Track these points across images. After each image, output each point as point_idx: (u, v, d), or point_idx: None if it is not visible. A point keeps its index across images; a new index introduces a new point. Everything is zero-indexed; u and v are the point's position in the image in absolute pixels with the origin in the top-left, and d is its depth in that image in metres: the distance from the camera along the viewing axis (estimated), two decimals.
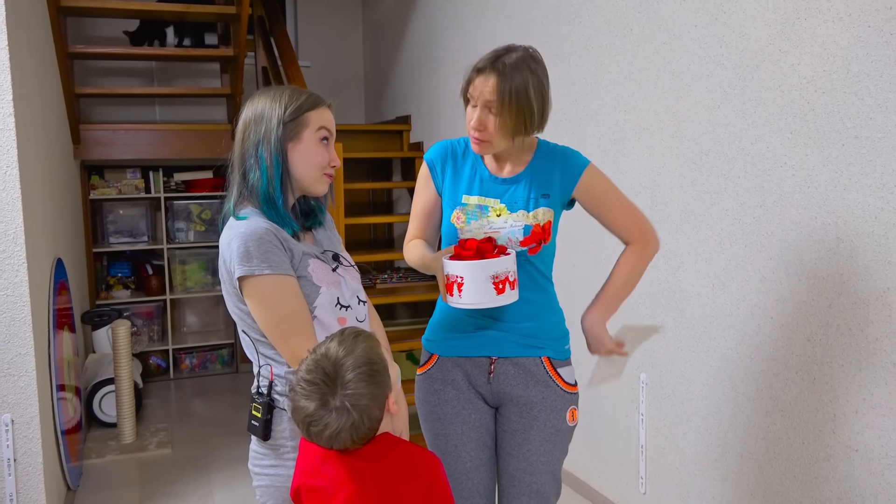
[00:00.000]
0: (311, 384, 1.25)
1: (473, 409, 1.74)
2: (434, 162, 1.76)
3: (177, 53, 4.13)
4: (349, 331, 1.32)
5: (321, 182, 1.53)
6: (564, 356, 1.73)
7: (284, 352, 1.43)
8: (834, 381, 1.90)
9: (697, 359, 2.38)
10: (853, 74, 1.80)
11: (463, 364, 1.73)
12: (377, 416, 1.27)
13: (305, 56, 5.59)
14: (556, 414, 1.70)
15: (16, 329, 2.44)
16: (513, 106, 1.54)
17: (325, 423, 1.23)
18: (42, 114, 3.13)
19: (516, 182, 1.68)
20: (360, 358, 1.27)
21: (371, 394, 1.25)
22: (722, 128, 2.22)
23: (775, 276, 2.06)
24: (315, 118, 1.50)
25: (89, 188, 4.69)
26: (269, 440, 1.48)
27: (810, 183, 1.94)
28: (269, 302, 1.41)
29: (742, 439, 2.22)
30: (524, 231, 1.64)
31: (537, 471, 1.70)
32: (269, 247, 1.42)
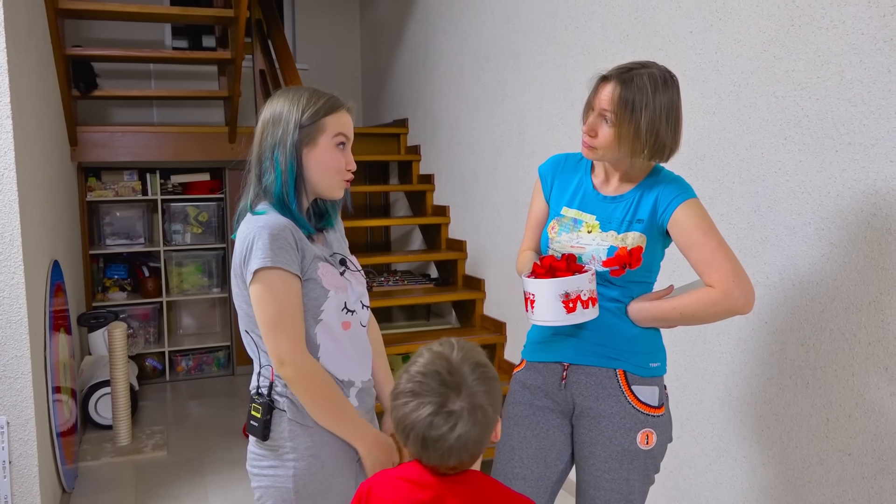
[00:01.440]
0: (428, 384, 1.12)
1: (543, 418, 1.72)
2: (545, 173, 1.80)
3: (174, 56, 4.14)
4: (452, 339, 1.21)
5: (338, 187, 1.54)
6: (645, 374, 1.65)
7: (272, 348, 1.43)
8: (827, 386, 1.92)
9: (692, 363, 2.39)
10: (846, 81, 1.82)
11: (542, 370, 1.74)
12: (490, 437, 1.15)
13: (303, 59, 5.60)
14: (623, 432, 1.63)
15: (12, 331, 2.44)
16: (628, 120, 1.53)
17: (450, 426, 1.09)
18: (39, 116, 3.13)
19: (617, 202, 1.66)
20: (479, 358, 1.17)
21: (495, 397, 1.15)
22: (717, 133, 2.23)
23: (769, 281, 2.07)
24: (332, 123, 1.50)
25: (86, 190, 4.69)
26: (269, 441, 1.48)
27: (804, 189, 1.95)
28: (273, 296, 1.42)
29: (736, 443, 2.23)
30: (608, 252, 1.62)
31: (601, 487, 1.66)
32: (285, 243, 1.44)
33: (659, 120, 1.54)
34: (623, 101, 1.54)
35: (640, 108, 1.53)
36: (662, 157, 1.59)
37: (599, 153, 1.61)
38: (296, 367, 1.42)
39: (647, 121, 1.53)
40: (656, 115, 1.53)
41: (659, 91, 1.54)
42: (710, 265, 1.55)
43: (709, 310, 1.56)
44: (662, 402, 1.67)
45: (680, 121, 1.58)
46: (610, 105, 1.55)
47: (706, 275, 1.57)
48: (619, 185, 1.68)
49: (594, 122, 1.59)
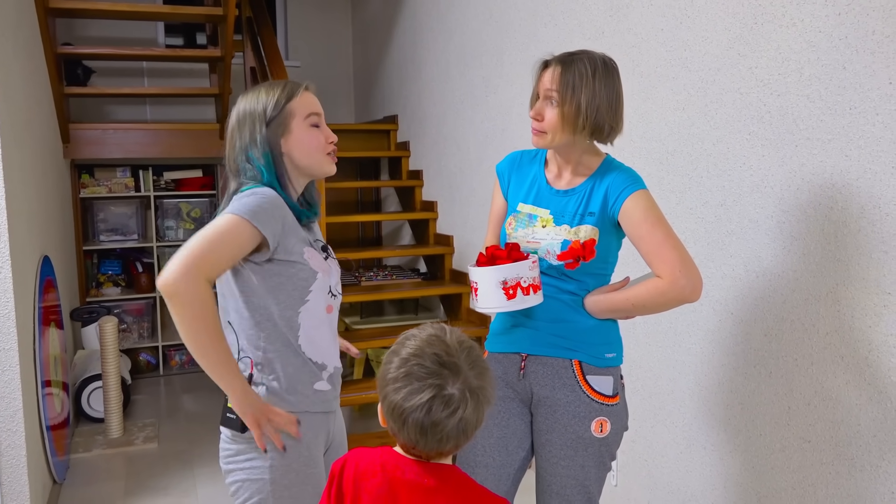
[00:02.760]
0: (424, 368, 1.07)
1: (504, 407, 1.76)
2: (502, 171, 1.85)
3: (164, 54, 4.19)
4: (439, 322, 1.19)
5: (326, 163, 1.57)
6: (600, 364, 1.69)
7: (175, 256, 1.37)
8: (789, 375, 1.97)
9: (663, 354, 2.44)
10: (805, 78, 1.86)
11: (502, 360, 1.78)
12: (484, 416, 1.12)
13: (295, 56, 5.65)
14: (578, 420, 1.68)
15: (0, 325, 2.50)
16: (572, 97, 1.58)
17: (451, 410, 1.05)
18: (29, 114, 3.18)
19: (569, 196, 1.70)
20: (471, 343, 1.14)
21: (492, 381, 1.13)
22: (686, 129, 2.28)
23: (735, 273, 2.12)
24: (299, 106, 1.54)
25: (80, 187, 4.74)
26: (246, 433, 1.50)
27: (766, 183, 2.00)
28: (222, 233, 1.40)
29: (705, 432, 2.28)
30: (562, 245, 1.66)
31: (557, 473, 1.71)
32: (273, 211, 1.45)
33: (598, 98, 1.60)
34: (564, 81, 1.60)
35: (580, 87, 1.59)
36: (602, 136, 1.65)
37: (548, 137, 1.66)
38: (185, 283, 1.34)
39: (587, 98, 1.59)
40: (595, 94, 1.60)
41: (598, 72, 1.60)
42: (658, 256, 1.60)
43: (657, 299, 1.61)
44: (617, 392, 1.72)
45: (620, 103, 1.65)
46: (552, 84, 1.62)
47: (654, 265, 1.62)
48: (571, 179, 1.73)
49: (540, 106, 1.65)
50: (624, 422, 1.75)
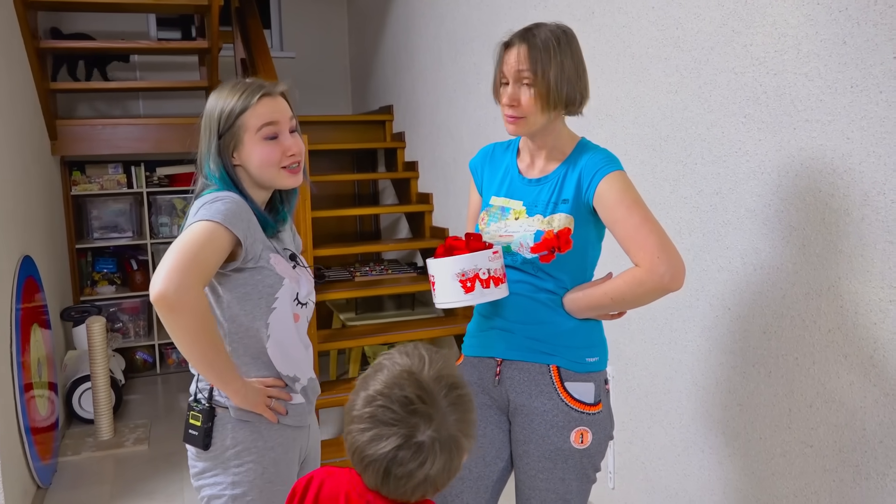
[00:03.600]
0: (392, 410, 0.94)
1: (481, 415, 1.65)
2: (475, 166, 1.75)
3: (150, 46, 4.09)
4: (419, 345, 1.03)
5: (281, 178, 1.46)
6: (580, 369, 1.57)
7: (161, 266, 1.28)
8: (789, 375, 1.83)
9: (659, 351, 2.32)
10: (803, 54, 1.72)
11: (477, 365, 1.67)
12: (460, 464, 0.99)
13: (290, 47, 5.53)
14: (556, 431, 1.56)
15: None
16: (546, 72, 1.48)
17: (419, 463, 0.93)
18: (7, 110, 3.09)
19: (542, 184, 1.59)
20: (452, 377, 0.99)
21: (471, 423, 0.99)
22: (679, 112, 2.14)
23: (732, 266, 1.99)
24: (252, 118, 1.42)
25: (70, 184, 4.67)
26: (210, 450, 1.43)
27: (763, 169, 1.86)
28: (200, 241, 1.31)
29: (703, 434, 2.15)
30: (535, 237, 1.55)
31: (536, 487, 1.59)
32: (242, 214, 1.38)
33: (566, 68, 1.51)
34: (533, 58, 1.49)
35: (548, 61, 1.49)
36: (575, 108, 1.55)
37: (528, 122, 1.54)
38: (184, 294, 1.26)
39: (556, 72, 1.49)
40: (563, 65, 1.51)
41: (562, 42, 1.51)
42: (634, 242, 1.48)
43: (636, 290, 1.49)
44: (599, 399, 1.59)
45: (585, 69, 1.56)
46: (522, 64, 1.50)
47: (631, 253, 1.49)
48: (544, 166, 1.61)
49: (514, 91, 1.52)
50: (608, 431, 1.63)
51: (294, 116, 1.49)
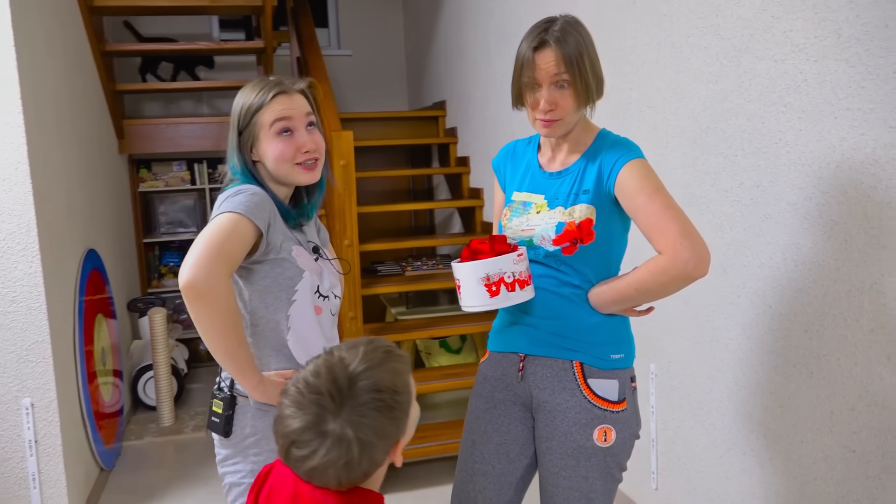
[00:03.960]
0: (311, 392, 0.97)
1: (504, 411, 1.65)
2: (498, 165, 1.75)
3: (209, 48, 4.22)
4: (381, 343, 1.05)
5: (296, 173, 1.49)
6: (604, 366, 1.54)
7: (189, 255, 1.32)
8: (831, 376, 1.75)
9: (701, 349, 2.25)
10: (844, 40, 1.64)
11: (501, 361, 1.67)
12: (379, 461, 1.00)
13: (347, 45, 5.61)
14: (579, 428, 1.53)
15: (32, 318, 2.55)
16: (583, 71, 1.47)
17: (312, 450, 0.96)
18: (73, 111, 3.25)
19: (563, 176, 1.57)
20: (384, 380, 0.99)
21: (382, 430, 0.98)
22: (719, 103, 2.07)
23: (773, 262, 1.91)
24: (266, 115, 1.46)
25: (138, 181, 4.87)
26: (231, 437, 1.47)
27: (804, 160, 1.78)
28: (225, 231, 1.34)
29: (745, 436, 2.08)
30: (556, 228, 1.52)
31: (559, 484, 1.57)
32: (264, 206, 1.42)
33: (593, 61, 1.51)
34: (569, 59, 1.47)
35: (582, 57, 1.48)
36: (600, 96, 1.56)
37: (565, 123, 1.52)
38: (212, 282, 1.29)
39: (590, 66, 1.49)
40: (591, 58, 1.50)
41: (584, 36, 1.51)
42: (656, 229, 1.44)
43: (660, 279, 1.45)
44: (624, 397, 1.56)
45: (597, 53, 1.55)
46: (560, 67, 1.47)
47: (654, 241, 1.45)
48: (565, 159, 1.59)
49: (552, 95, 1.49)
50: (634, 430, 1.59)
51: (313, 113, 1.51)
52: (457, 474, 1.70)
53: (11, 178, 2.50)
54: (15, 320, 2.54)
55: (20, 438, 2.59)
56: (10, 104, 2.47)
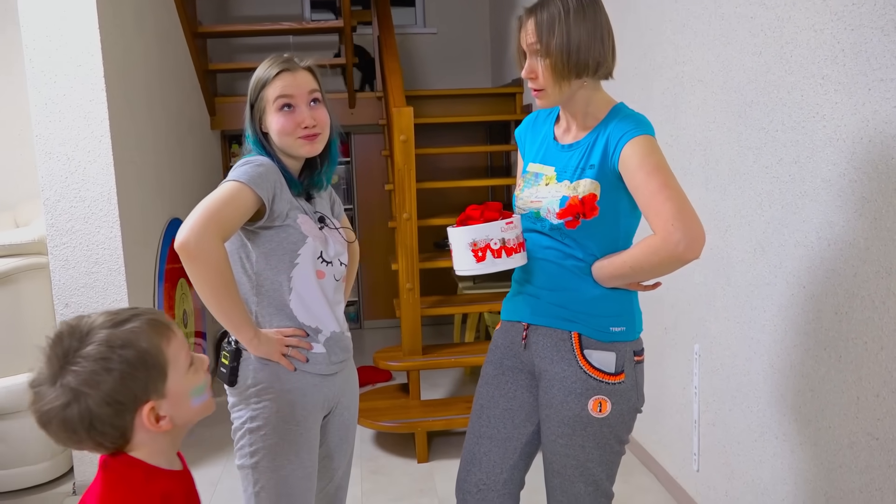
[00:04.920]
0: (52, 344, 0.99)
1: (511, 378, 1.69)
2: (520, 135, 1.78)
3: (291, 28, 4.41)
4: (139, 310, 1.05)
5: (297, 145, 1.58)
6: (603, 338, 1.55)
7: (186, 220, 1.43)
8: (858, 361, 1.68)
9: (741, 330, 2.19)
10: (879, 6, 1.55)
11: (508, 329, 1.71)
12: (108, 419, 0.98)
13: (432, 23, 5.68)
14: (574, 398, 1.55)
15: (112, 279, 2.81)
16: (549, 42, 1.48)
17: (38, 394, 0.97)
18: (162, 88, 3.50)
19: (573, 149, 1.58)
20: (115, 337, 0.98)
21: (100, 384, 0.96)
22: (762, 76, 2.00)
23: (808, 241, 1.84)
24: (271, 91, 1.57)
25: (230, 156, 5.16)
26: (236, 386, 1.59)
27: (839, 135, 1.70)
28: (224, 198, 1.45)
29: (777, 420, 2.02)
30: (560, 202, 1.54)
31: (557, 452, 1.61)
32: (267, 175, 1.51)
33: (575, 35, 1.48)
34: (539, 27, 1.49)
35: (553, 30, 1.47)
36: (590, 72, 1.51)
37: (548, 93, 1.53)
38: (204, 243, 1.40)
39: (563, 40, 1.47)
40: (570, 32, 1.48)
41: (571, 11, 1.48)
42: (651, 209, 1.43)
43: (651, 259, 1.44)
44: (622, 370, 1.56)
45: (605, 35, 1.52)
46: (533, 37, 1.50)
47: (649, 220, 1.45)
48: (577, 132, 1.59)
49: (530, 63, 1.53)
50: (633, 403, 1.59)
51: (318, 90, 1.60)
52: (466, 437, 1.75)
53: (95, 150, 2.74)
54: (97, 280, 2.80)
55: None
56: (94, 82, 2.70)
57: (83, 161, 2.74)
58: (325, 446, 1.74)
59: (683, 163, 2.47)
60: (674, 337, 2.64)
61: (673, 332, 2.65)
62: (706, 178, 2.33)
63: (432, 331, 5.12)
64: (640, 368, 1.62)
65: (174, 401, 1.04)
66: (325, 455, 1.75)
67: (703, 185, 2.35)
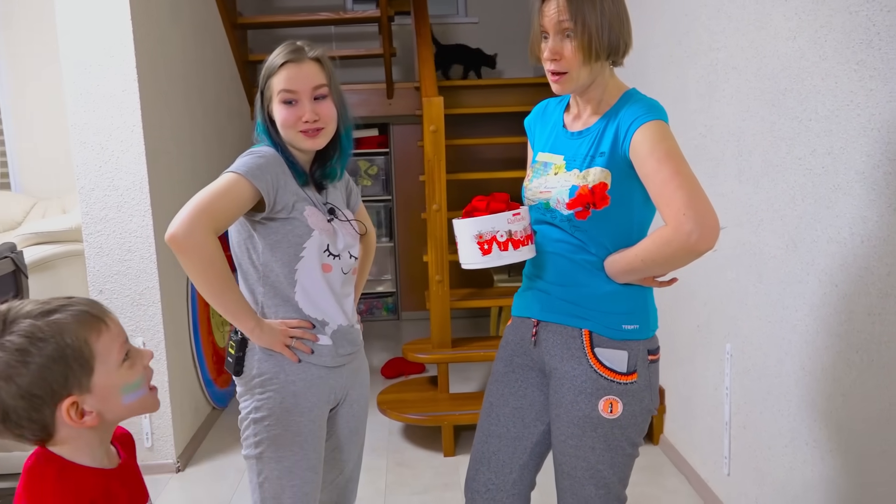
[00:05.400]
0: None
1: (521, 376, 1.65)
2: (529, 125, 1.74)
3: (330, 18, 4.41)
4: (73, 300, 1.02)
5: (299, 139, 1.55)
6: (614, 336, 1.49)
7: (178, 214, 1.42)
8: (891, 364, 1.58)
9: (772, 330, 2.09)
10: None
11: (519, 326, 1.67)
12: (24, 412, 0.96)
13: (473, 12, 5.62)
14: (584, 398, 1.50)
15: (144, 266, 2.85)
16: (587, 20, 1.42)
17: None
18: (199, 79, 3.54)
19: (583, 137, 1.52)
20: (42, 328, 0.96)
21: (15, 376, 0.95)
22: (796, 62, 1.89)
23: (840, 237, 1.74)
24: (276, 83, 1.55)
25: None
26: (242, 376, 1.59)
27: (873, 125, 1.60)
28: (220, 189, 1.45)
29: (808, 424, 1.92)
30: (570, 192, 1.48)
31: (566, 453, 1.56)
32: (267, 167, 1.50)
33: (608, 14, 1.43)
34: (573, 7, 1.41)
35: (589, 7, 1.41)
36: (618, 55, 1.47)
37: (572, 77, 1.46)
38: (190, 235, 1.39)
39: (598, 17, 1.42)
40: (604, 11, 1.42)
41: None
42: (663, 198, 1.36)
43: (663, 250, 1.38)
44: (635, 369, 1.50)
45: (627, 15, 1.48)
46: (564, 14, 1.42)
47: (660, 209, 1.38)
48: (587, 119, 1.53)
49: (555, 45, 1.45)
50: (646, 405, 1.53)
51: (325, 84, 1.55)
52: (475, 435, 1.72)
53: (128, 140, 2.78)
54: (130, 267, 2.85)
55: None
56: (126, 72, 2.74)
57: (116, 150, 2.79)
58: (335, 438, 1.72)
59: (716, 154, 2.37)
60: (706, 335, 2.55)
61: (705, 329, 2.55)
62: (739, 170, 2.23)
63: (470, 323, 5.09)
64: (655, 368, 1.56)
65: (102, 396, 1.01)
66: (335, 447, 1.73)
67: (736, 177, 2.25)
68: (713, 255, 2.41)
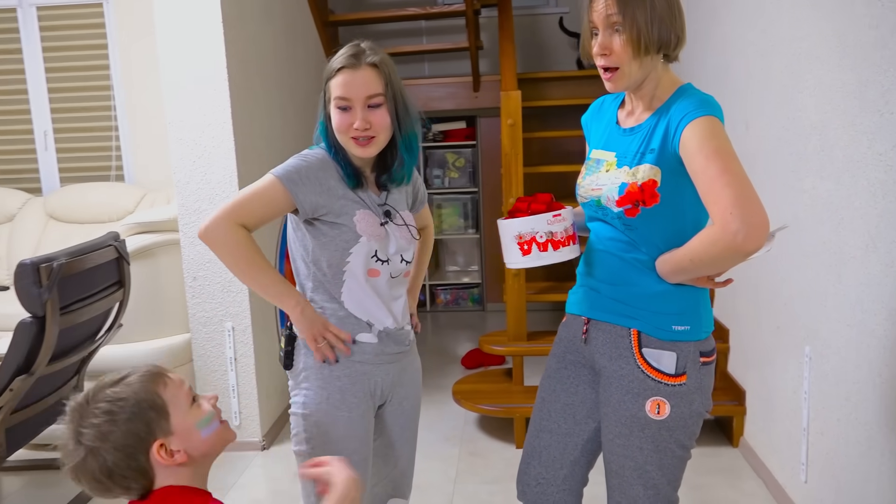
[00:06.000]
0: (70, 411, 1.16)
1: (573, 372, 1.66)
2: (585, 122, 1.74)
3: (416, 13, 4.48)
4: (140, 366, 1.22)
5: (351, 145, 1.55)
6: (664, 336, 1.48)
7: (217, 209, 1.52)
8: None
9: (850, 334, 1.99)
10: None
11: (571, 323, 1.68)
12: (123, 463, 1.13)
13: (564, 2, 5.55)
14: (631, 398, 1.50)
15: None
16: (635, 11, 1.41)
17: (65, 456, 1.14)
18: (290, 75, 3.70)
19: (634, 133, 1.50)
20: (119, 392, 1.15)
21: (108, 434, 1.12)
22: (878, 51, 1.79)
23: None
24: (333, 88, 1.53)
25: None
26: (292, 370, 1.64)
27: None
28: (256, 191, 1.52)
29: (885, 434, 1.83)
30: (619, 189, 1.47)
31: (615, 452, 1.55)
32: (310, 173, 1.53)
33: (658, 7, 1.41)
34: (622, 0, 1.40)
35: (638, 1, 1.40)
36: (670, 48, 1.44)
37: (623, 73, 1.44)
38: (217, 230, 1.49)
39: (647, 11, 1.40)
40: (656, 4, 1.40)
41: None
42: (710, 195, 1.33)
43: (710, 250, 1.35)
44: (684, 371, 1.47)
45: (680, 9, 1.45)
46: (612, 8, 1.41)
47: (708, 208, 1.35)
48: (640, 115, 1.51)
49: (605, 39, 1.44)
50: (695, 407, 1.50)
51: (381, 93, 1.52)
52: (528, 429, 1.74)
53: (219, 135, 2.95)
54: None
55: (223, 356, 3.10)
56: (217, 70, 2.91)
57: (208, 146, 2.96)
58: (385, 436, 1.75)
59: (798, 148, 2.27)
60: (785, 336, 2.45)
61: (785, 331, 2.46)
62: (821, 165, 2.12)
63: (550, 316, 5.07)
64: (708, 370, 1.53)
65: (183, 435, 1.18)
66: (387, 444, 1.76)
67: (817, 173, 2.15)
68: (793, 254, 2.32)
